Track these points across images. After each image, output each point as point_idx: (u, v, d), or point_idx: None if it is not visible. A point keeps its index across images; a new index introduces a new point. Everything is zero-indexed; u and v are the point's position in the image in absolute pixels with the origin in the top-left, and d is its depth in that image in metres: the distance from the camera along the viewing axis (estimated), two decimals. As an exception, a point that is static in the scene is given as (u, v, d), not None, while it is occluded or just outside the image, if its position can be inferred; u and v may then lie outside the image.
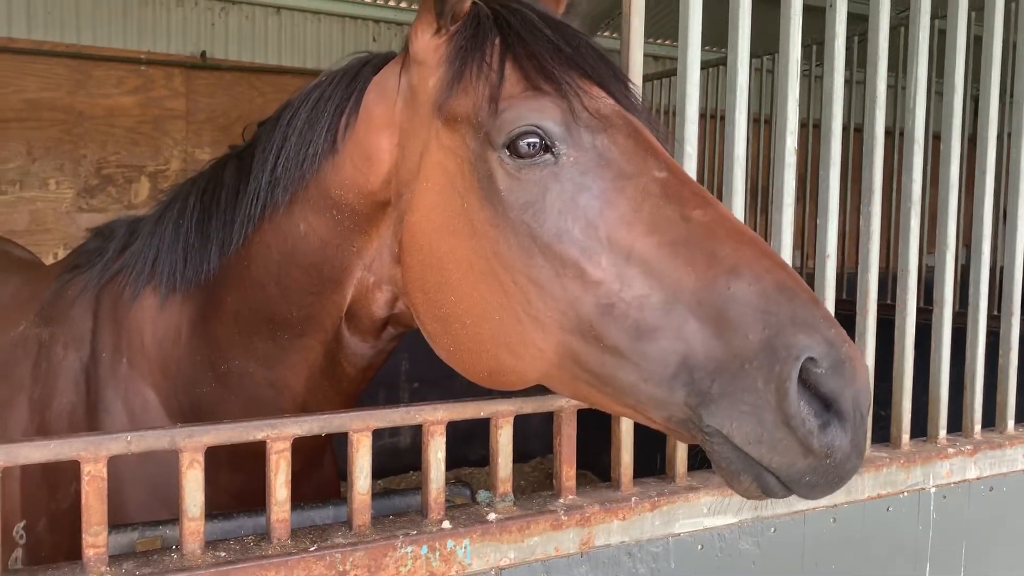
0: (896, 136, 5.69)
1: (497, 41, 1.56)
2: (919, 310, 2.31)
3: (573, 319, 1.40)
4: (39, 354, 2.17)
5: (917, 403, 2.29)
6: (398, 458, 6.50)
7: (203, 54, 7.67)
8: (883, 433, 2.27)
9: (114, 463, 1.99)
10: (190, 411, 2.02)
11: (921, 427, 2.34)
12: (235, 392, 1.96)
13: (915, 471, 2.18)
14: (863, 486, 2.08)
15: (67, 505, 2.01)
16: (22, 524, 2.08)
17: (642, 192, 1.42)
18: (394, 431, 6.35)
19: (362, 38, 8.47)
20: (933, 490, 2.22)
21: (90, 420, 2.05)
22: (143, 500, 1.97)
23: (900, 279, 2.28)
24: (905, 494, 2.17)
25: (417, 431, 1.35)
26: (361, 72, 1.77)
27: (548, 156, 1.46)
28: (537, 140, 1.46)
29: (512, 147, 1.46)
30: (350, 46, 8.38)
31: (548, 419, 1.77)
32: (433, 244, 1.56)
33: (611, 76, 1.57)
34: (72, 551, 1.70)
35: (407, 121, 1.66)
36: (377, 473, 5.60)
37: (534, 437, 6.76)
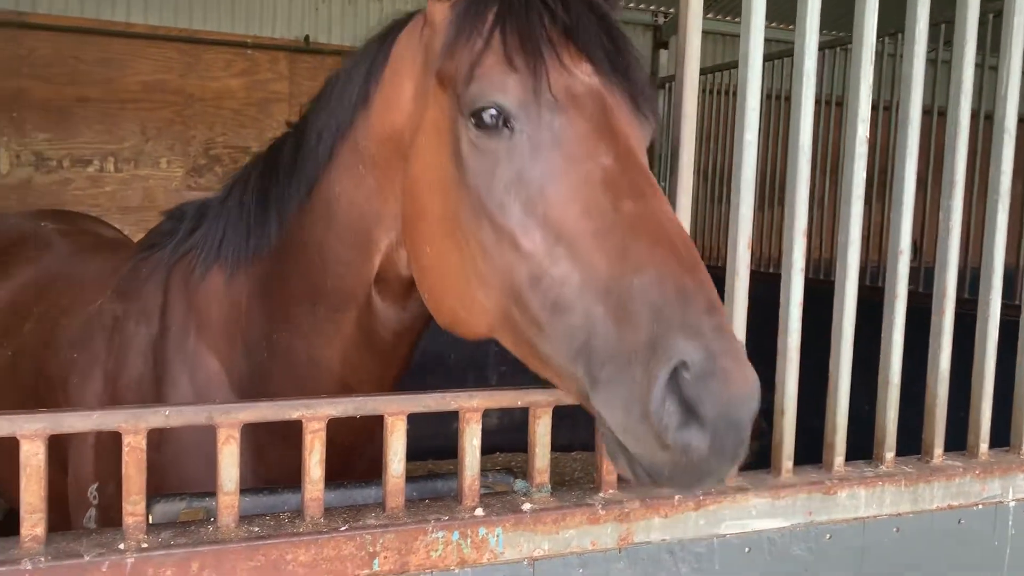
0: (981, 121, 5.32)
1: (495, 11, 1.57)
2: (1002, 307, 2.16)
3: (508, 284, 1.49)
4: (113, 328, 2.29)
5: (998, 409, 2.14)
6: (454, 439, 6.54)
7: (306, 38, 7.87)
8: (960, 440, 2.15)
9: (177, 437, 2.07)
10: (248, 380, 2.11)
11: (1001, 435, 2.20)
12: (280, 364, 2.04)
13: (992, 482, 2.04)
14: (932, 496, 1.97)
15: None
16: (95, 486, 2.19)
17: (583, 177, 1.45)
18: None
19: (461, 21, 8.53)
20: (1012, 504, 2.07)
21: (157, 392, 2.15)
22: (200, 470, 2.05)
23: (984, 277, 2.14)
24: (980, 506, 2.03)
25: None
26: (391, 33, 1.86)
27: (506, 130, 1.50)
28: (497, 113, 1.50)
29: (476, 117, 1.52)
30: (449, 30, 8.44)
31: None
32: (422, 197, 1.66)
33: (608, 50, 1.55)
34: None
35: (421, 77, 1.73)
36: (432, 454, 5.58)
37: (584, 425, 6.66)
